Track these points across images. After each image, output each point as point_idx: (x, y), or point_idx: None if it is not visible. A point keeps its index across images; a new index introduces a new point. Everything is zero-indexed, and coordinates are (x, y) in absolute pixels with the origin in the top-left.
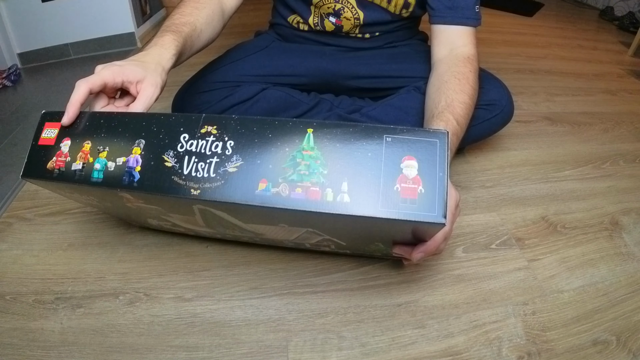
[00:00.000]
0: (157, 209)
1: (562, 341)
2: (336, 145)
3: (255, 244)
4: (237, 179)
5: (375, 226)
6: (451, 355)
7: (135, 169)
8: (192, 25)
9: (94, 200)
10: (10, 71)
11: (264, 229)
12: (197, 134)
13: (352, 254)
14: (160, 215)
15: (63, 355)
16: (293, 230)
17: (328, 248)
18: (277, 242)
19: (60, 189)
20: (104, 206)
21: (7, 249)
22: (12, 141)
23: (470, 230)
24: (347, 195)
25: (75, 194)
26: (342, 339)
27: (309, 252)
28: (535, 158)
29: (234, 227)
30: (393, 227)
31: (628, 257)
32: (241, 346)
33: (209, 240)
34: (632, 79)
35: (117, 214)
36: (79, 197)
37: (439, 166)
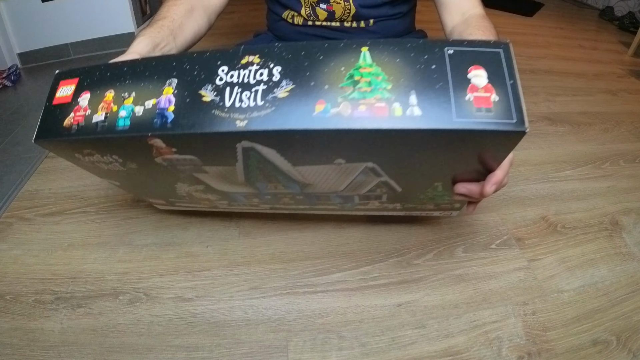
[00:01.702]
0: (192, 162)
1: (562, 341)
2: (396, 61)
3: (251, 246)
4: (290, 103)
5: (445, 148)
6: (451, 355)
7: (167, 109)
8: (169, 19)
9: (117, 165)
10: (10, 71)
11: (315, 173)
12: (238, 65)
13: (403, 209)
14: (193, 173)
15: (63, 355)
16: (349, 170)
17: (378, 202)
18: (321, 201)
19: (78, 150)
20: (127, 172)
21: (7, 249)
22: (12, 141)
23: (470, 230)
24: (417, 108)
25: (96, 154)
26: (342, 339)
27: (309, 251)
28: (535, 158)
29: (278, 178)
30: (463, 149)
31: (628, 257)
32: (241, 346)
33: (210, 241)
34: (632, 79)
35: (142, 184)
36: (99, 161)
37: (508, 74)
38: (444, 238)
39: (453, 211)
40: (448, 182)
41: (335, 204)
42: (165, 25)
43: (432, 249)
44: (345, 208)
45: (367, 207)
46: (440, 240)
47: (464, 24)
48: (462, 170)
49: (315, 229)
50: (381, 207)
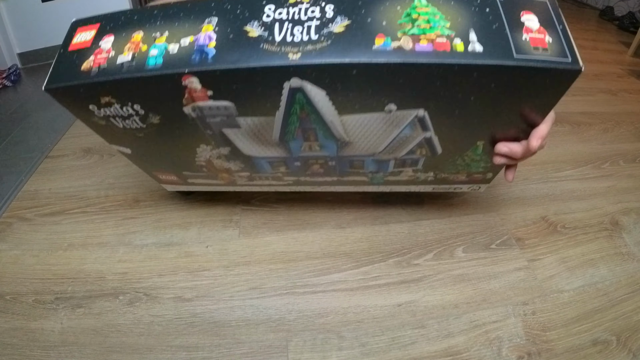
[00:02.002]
0: (226, 111)
1: (562, 341)
2: (450, 3)
3: (255, 243)
4: (347, 38)
5: (501, 90)
6: (451, 355)
7: (207, 45)
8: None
9: (135, 120)
10: (10, 71)
11: (359, 126)
12: (286, 3)
13: (435, 180)
14: (223, 129)
15: (63, 355)
16: (397, 120)
17: (412, 170)
18: (353, 169)
19: (95, 99)
20: (145, 133)
21: (7, 249)
22: (12, 141)
23: (470, 230)
24: (478, 45)
25: (115, 105)
26: (342, 339)
27: (309, 251)
28: (535, 158)
29: (317, 133)
30: (518, 91)
31: (628, 257)
32: (241, 346)
33: (210, 241)
34: (632, 79)
35: (157, 151)
36: (116, 116)
37: (557, 20)
38: (444, 238)
39: (482, 184)
40: (489, 143)
41: (367, 173)
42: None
43: (432, 249)
44: (374, 180)
45: (398, 177)
46: (440, 240)
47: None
48: (506, 127)
49: (315, 229)
50: (413, 178)
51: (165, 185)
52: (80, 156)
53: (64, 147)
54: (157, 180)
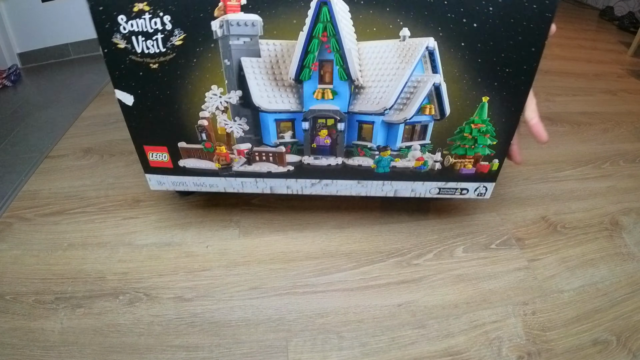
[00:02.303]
0: (252, 29)
1: (562, 341)
2: None
3: (254, 241)
4: None
5: (497, 15)
6: (451, 355)
7: None
8: None
9: (158, 42)
10: (10, 71)
11: (375, 55)
12: None
13: (442, 173)
14: (242, 57)
15: (63, 355)
16: (410, 51)
17: (420, 144)
18: (361, 141)
19: (128, 7)
20: (165, 56)
21: (7, 249)
22: (12, 141)
23: (470, 230)
24: None
25: (145, 14)
26: (342, 339)
27: (309, 251)
28: (535, 158)
29: (334, 68)
30: (510, 15)
31: (628, 257)
32: (241, 346)
33: (210, 241)
34: (632, 79)
35: (168, 90)
36: (140, 33)
37: None
38: (444, 238)
39: (488, 182)
40: (495, 99)
41: (374, 151)
42: None
43: (432, 249)
44: (380, 164)
45: (405, 164)
46: (440, 240)
47: None
48: (505, 74)
49: (315, 229)
50: (419, 165)
51: (151, 178)
52: (80, 156)
53: (64, 147)
54: (145, 166)
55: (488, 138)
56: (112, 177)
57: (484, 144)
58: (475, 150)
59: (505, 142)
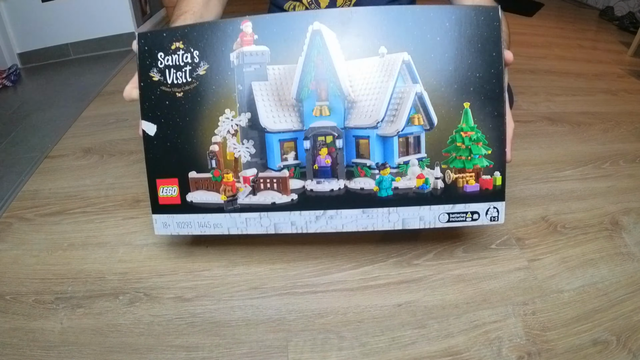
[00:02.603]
0: (262, 57)
1: (562, 341)
2: None
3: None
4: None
5: (454, 28)
6: (451, 355)
7: None
8: (190, 12)
9: (185, 72)
10: (10, 71)
11: (361, 70)
12: None
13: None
14: (253, 82)
15: (63, 355)
16: (389, 66)
17: (416, 158)
18: (360, 159)
19: (167, 45)
20: (190, 85)
21: (7, 249)
22: (12, 141)
23: (470, 230)
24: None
25: (179, 50)
26: (342, 339)
27: (309, 251)
28: (535, 158)
29: (329, 83)
30: (465, 26)
31: (628, 257)
32: (241, 346)
33: (210, 241)
34: (632, 79)
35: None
36: (172, 67)
37: None
38: (444, 238)
39: (496, 201)
40: (476, 105)
41: (374, 170)
42: (188, 19)
43: (432, 249)
44: (382, 186)
45: (406, 183)
46: (440, 240)
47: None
48: (479, 77)
49: None
50: (420, 184)
51: (157, 219)
52: (80, 156)
53: (64, 147)
54: (154, 206)
55: (481, 147)
56: (112, 177)
57: (480, 154)
58: (472, 162)
59: (499, 150)
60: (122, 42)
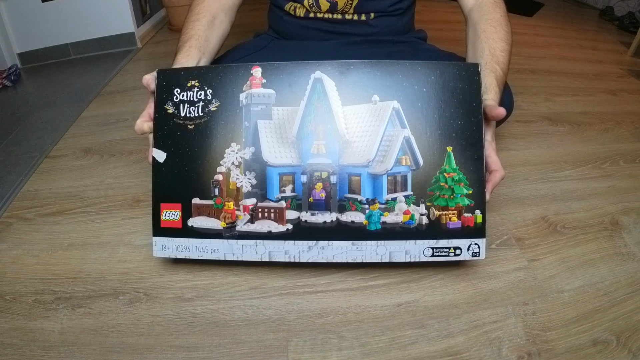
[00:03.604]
0: (268, 99)
1: (562, 341)
2: None
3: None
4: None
5: (439, 81)
6: (451, 355)
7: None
8: (195, 37)
9: (198, 108)
10: (10, 71)
11: (356, 114)
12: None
13: (429, 229)
14: (258, 120)
15: (63, 355)
16: (380, 111)
17: (404, 195)
18: (351, 194)
19: (184, 82)
20: (201, 119)
21: (7, 249)
22: (12, 141)
23: None
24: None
25: (195, 87)
26: (342, 339)
27: None
28: (535, 158)
29: (326, 124)
30: (449, 81)
31: (628, 257)
32: (241, 346)
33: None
34: (632, 79)
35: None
36: (186, 101)
37: None
38: None
39: (477, 238)
40: (457, 149)
41: (364, 206)
42: (193, 46)
43: None
44: (371, 220)
45: (394, 218)
46: None
47: (479, 12)
48: (460, 126)
49: None
50: (407, 220)
51: (157, 241)
52: (80, 156)
53: (64, 147)
54: (156, 228)
55: (463, 187)
56: (112, 177)
57: (461, 193)
58: (455, 201)
59: (480, 190)
60: (122, 42)
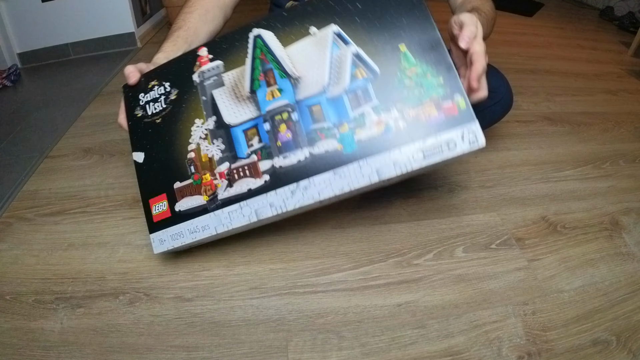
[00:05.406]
0: (217, 70)
1: (562, 341)
2: None
3: (255, 246)
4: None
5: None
6: (451, 355)
7: None
8: (184, 28)
9: (161, 104)
10: (10, 71)
11: (300, 52)
12: None
13: (404, 123)
14: (213, 91)
15: (63, 355)
16: (322, 41)
17: (372, 108)
18: (317, 123)
19: (147, 85)
20: (165, 111)
21: (7, 249)
22: (12, 141)
23: (470, 230)
24: None
25: (155, 87)
26: (342, 339)
27: (309, 251)
28: (535, 158)
29: (274, 71)
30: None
31: (628, 257)
32: (241, 346)
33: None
34: (632, 79)
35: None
36: (151, 101)
37: None
38: (444, 238)
39: (467, 123)
40: (411, 45)
41: (332, 130)
42: (180, 36)
43: (432, 249)
44: (345, 143)
45: (368, 131)
46: (440, 240)
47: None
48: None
49: (315, 229)
50: (384, 127)
51: (154, 238)
52: (80, 156)
53: (64, 147)
54: (150, 226)
55: (431, 77)
56: (112, 177)
57: (435, 90)
58: (428, 94)
59: (450, 74)
60: (122, 42)
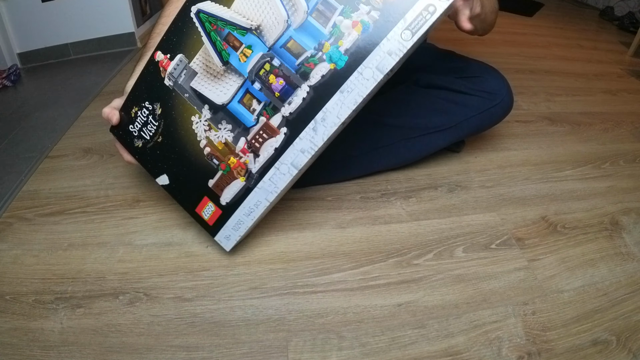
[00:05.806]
0: (182, 64)
1: (562, 341)
2: None
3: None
4: None
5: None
6: (451, 355)
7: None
8: (170, 16)
9: (153, 124)
10: (10, 71)
11: (246, 3)
12: None
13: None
14: (191, 85)
15: (63, 355)
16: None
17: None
18: (292, 50)
19: (130, 117)
20: (159, 127)
21: (7, 249)
22: (13, 141)
23: (470, 230)
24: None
25: (137, 112)
26: (342, 339)
27: (309, 251)
28: (535, 158)
29: (233, 33)
30: None
31: (628, 257)
32: (241, 346)
33: (210, 241)
34: (632, 79)
35: (176, 146)
36: (142, 127)
37: None
38: (444, 238)
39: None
40: None
41: (315, 54)
42: (166, 23)
43: (432, 249)
44: (334, 59)
45: (351, 40)
46: (440, 240)
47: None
48: None
49: (315, 229)
50: (357, 27)
51: (220, 240)
52: (80, 156)
53: (64, 147)
54: (210, 231)
55: None
56: (112, 177)
57: None
58: None
59: None
60: (122, 42)
